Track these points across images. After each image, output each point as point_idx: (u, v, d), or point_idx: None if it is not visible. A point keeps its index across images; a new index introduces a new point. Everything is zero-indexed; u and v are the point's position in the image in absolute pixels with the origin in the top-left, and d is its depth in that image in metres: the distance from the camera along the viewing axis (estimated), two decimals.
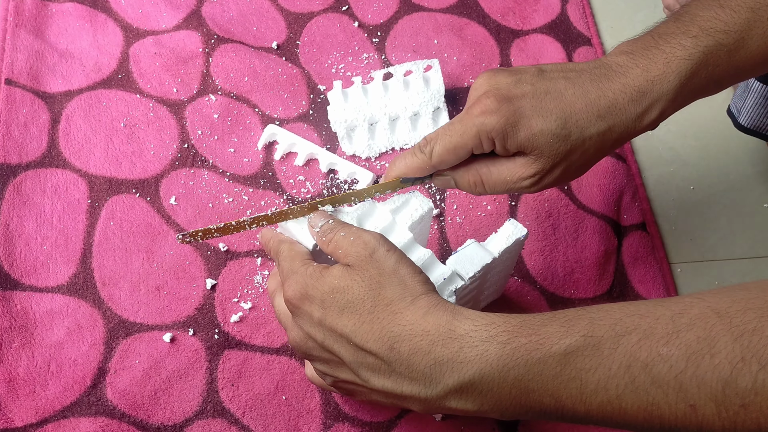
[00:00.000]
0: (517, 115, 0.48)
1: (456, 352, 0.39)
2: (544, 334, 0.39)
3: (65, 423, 0.56)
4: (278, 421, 0.59)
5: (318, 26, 0.78)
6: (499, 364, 0.39)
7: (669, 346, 0.36)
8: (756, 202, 0.77)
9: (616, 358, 0.37)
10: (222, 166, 0.69)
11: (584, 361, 0.38)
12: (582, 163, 0.51)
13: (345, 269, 0.43)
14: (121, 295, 0.61)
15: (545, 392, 0.39)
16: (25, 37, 0.71)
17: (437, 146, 0.51)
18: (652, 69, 0.49)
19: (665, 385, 0.36)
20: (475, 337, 0.40)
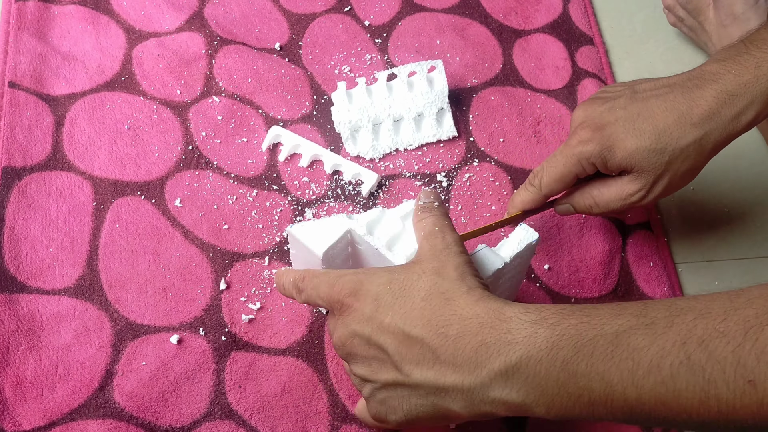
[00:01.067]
0: (612, 139, 0.53)
1: (504, 333, 0.39)
2: (595, 316, 0.38)
3: (73, 426, 0.56)
4: (286, 422, 0.59)
5: (320, 27, 0.78)
6: (547, 345, 0.38)
7: (726, 323, 0.35)
8: (756, 203, 0.77)
9: (671, 336, 0.36)
10: (226, 168, 0.69)
11: (637, 339, 0.36)
12: (686, 170, 0.54)
13: (407, 264, 0.45)
14: (128, 297, 0.61)
15: (595, 375, 0.37)
16: (27, 40, 0.71)
17: (544, 178, 0.57)
18: (744, 73, 0.51)
19: (722, 360, 0.34)
20: (524, 319, 0.39)
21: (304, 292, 0.48)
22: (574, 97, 0.78)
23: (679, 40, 0.86)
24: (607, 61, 0.82)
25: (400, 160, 0.71)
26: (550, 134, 0.75)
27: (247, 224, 0.66)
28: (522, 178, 0.72)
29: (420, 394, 0.42)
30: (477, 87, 0.77)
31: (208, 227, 0.65)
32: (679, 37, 0.86)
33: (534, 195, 0.59)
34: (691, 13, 0.80)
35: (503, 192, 0.71)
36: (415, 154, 0.72)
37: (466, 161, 0.72)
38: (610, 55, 0.83)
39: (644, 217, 0.73)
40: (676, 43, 0.86)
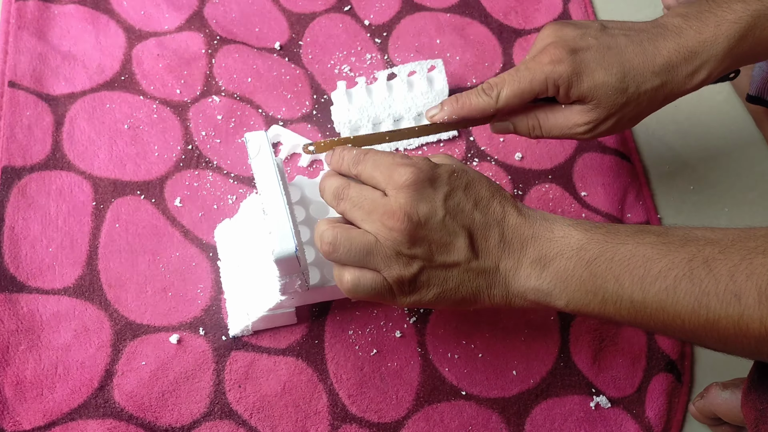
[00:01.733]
0: (582, 65, 0.53)
1: (546, 231, 0.46)
2: (622, 231, 0.45)
3: (73, 425, 0.56)
4: (285, 422, 0.59)
5: (320, 27, 0.78)
6: (577, 245, 0.45)
7: (731, 249, 0.41)
8: (756, 203, 0.77)
9: (681, 253, 0.42)
10: (226, 167, 0.69)
11: (652, 251, 0.42)
12: (633, 115, 0.56)
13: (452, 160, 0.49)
14: (128, 296, 0.61)
15: (611, 276, 0.43)
16: (27, 40, 0.71)
17: (504, 90, 0.55)
18: (704, 31, 0.53)
19: (718, 276, 0.40)
20: (563, 222, 0.46)
21: (362, 164, 0.48)
22: None
23: None
24: None
25: None
26: None
27: None
28: (522, 177, 0.72)
29: (471, 276, 0.47)
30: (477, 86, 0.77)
31: (208, 227, 0.65)
32: None
33: (486, 104, 0.56)
34: None
35: None
36: (415, 153, 0.72)
37: (466, 161, 0.72)
38: None
39: (644, 216, 0.73)
40: None
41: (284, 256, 0.49)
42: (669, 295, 0.41)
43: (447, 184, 0.46)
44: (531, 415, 0.62)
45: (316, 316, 0.63)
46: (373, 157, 0.48)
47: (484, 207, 0.47)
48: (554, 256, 0.45)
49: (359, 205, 0.47)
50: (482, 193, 0.47)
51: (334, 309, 0.63)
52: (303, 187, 0.59)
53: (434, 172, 0.46)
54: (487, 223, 0.46)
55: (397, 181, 0.45)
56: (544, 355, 0.65)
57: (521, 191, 0.72)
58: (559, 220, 0.47)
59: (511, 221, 0.46)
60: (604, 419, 0.63)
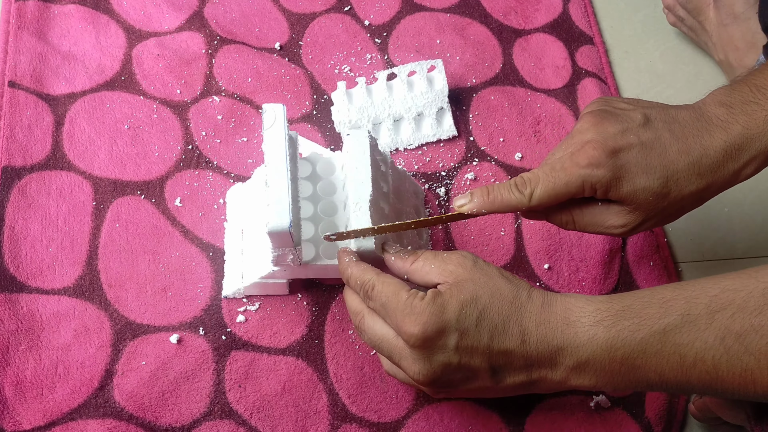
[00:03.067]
0: (623, 170, 0.50)
1: (572, 338, 0.45)
2: (645, 316, 0.43)
3: (73, 425, 0.56)
4: (285, 422, 0.59)
5: (320, 27, 0.78)
6: (606, 345, 0.44)
7: (760, 317, 0.40)
8: (756, 203, 0.77)
9: (711, 332, 0.41)
10: (226, 167, 0.69)
11: (682, 336, 0.42)
12: (673, 213, 0.53)
13: (457, 284, 0.46)
14: (128, 296, 0.61)
15: (649, 368, 0.43)
16: (27, 40, 0.71)
17: (538, 190, 0.52)
18: (752, 126, 0.50)
19: (757, 352, 0.40)
20: (585, 323, 0.45)
21: (372, 302, 0.49)
22: (574, 97, 0.78)
23: (679, 39, 0.86)
24: (607, 60, 0.82)
25: (400, 160, 0.71)
26: (550, 134, 0.75)
27: None
28: None
29: (506, 389, 0.48)
30: (477, 86, 0.77)
31: (208, 227, 0.65)
32: (679, 37, 0.86)
33: (518, 202, 0.53)
34: (691, 13, 0.80)
35: None
36: (415, 153, 0.72)
37: (466, 161, 0.72)
38: (610, 54, 0.83)
39: None
40: (676, 43, 0.86)
41: (277, 230, 0.51)
42: (712, 377, 0.42)
43: (456, 329, 0.45)
44: (531, 415, 0.62)
45: (316, 316, 0.63)
46: (380, 299, 0.48)
47: (500, 334, 0.46)
48: (587, 360, 0.45)
49: (377, 344, 0.50)
50: (495, 319, 0.46)
51: (334, 309, 0.63)
52: (315, 163, 0.60)
53: (441, 320, 0.45)
54: (507, 351, 0.46)
55: (407, 337, 0.46)
56: None
57: None
58: (581, 319, 0.45)
59: (532, 339, 0.45)
60: (604, 419, 0.63)
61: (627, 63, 0.83)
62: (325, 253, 0.57)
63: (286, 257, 0.54)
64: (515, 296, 0.46)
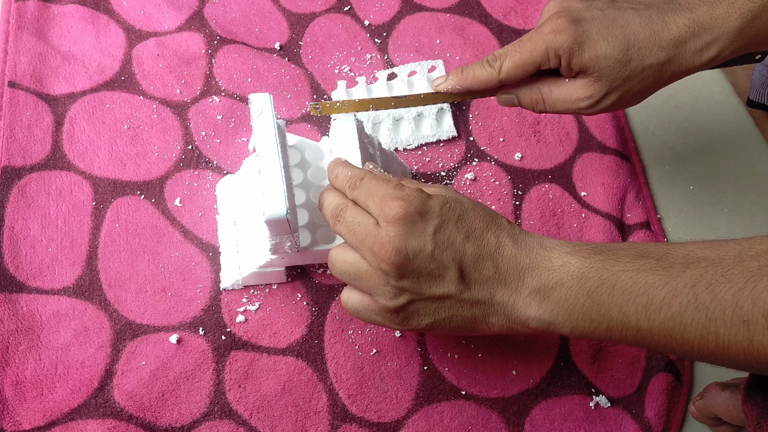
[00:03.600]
0: (585, 36, 0.52)
1: (545, 260, 0.45)
2: (621, 255, 0.44)
3: (73, 425, 0.56)
4: (285, 422, 0.59)
5: (320, 27, 0.78)
6: (578, 274, 0.44)
7: (732, 271, 0.40)
8: (756, 203, 0.77)
9: (683, 278, 0.41)
10: (226, 168, 0.69)
11: (654, 278, 0.42)
12: (638, 90, 0.54)
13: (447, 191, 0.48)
14: (128, 296, 0.61)
15: (614, 305, 0.42)
16: (27, 40, 0.71)
17: (506, 62, 0.55)
18: (717, 7, 0.52)
19: (724, 302, 0.39)
20: (561, 250, 0.45)
21: (358, 190, 0.49)
22: None
23: None
24: None
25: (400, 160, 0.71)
26: (550, 134, 0.75)
27: None
28: (522, 177, 0.72)
29: (465, 307, 0.47)
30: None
31: (208, 227, 0.65)
32: None
33: (489, 75, 0.55)
34: None
35: (503, 192, 0.71)
36: (415, 153, 0.72)
37: (466, 161, 0.72)
38: None
39: (644, 216, 0.73)
40: None
41: (275, 218, 0.51)
42: (675, 323, 0.41)
43: (438, 216, 0.46)
44: (531, 414, 0.62)
45: (316, 317, 0.63)
46: (367, 185, 0.49)
47: (477, 238, 0.46)
48: (554, 286, 0.44)
49: (353, 231, 0.48)
50: (475, 224, 0.47)
51: (333, 309, 0.63)
52: (304, 150, 0.60)
53: (425, 204, 0.46)
54: (480, 255, 0.46)
55: (387, 214, 0.46)
56: (544, 354, 0.65)
57: (521, 191, 0.72)
58: (557, 246, 0.46)
59: (506, 252, 0.46)
60: (604, 419, 0.63)
61: None
62: (322, 238, 0.58)
63: (283, 245, 0.54)
64: (496, 215, 0.48)
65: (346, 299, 0.51)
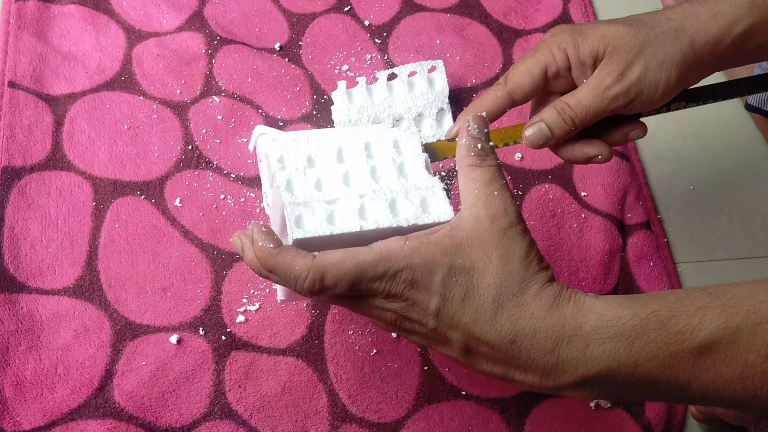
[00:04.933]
0: (585, 28, 0.49)
1: (582, 349, 0.37)
2: (676, 327, 0.37)
3: (73, 425, 0.56)
4: (285, 422, 0.59)
5: (320, 27, 0.78)
6: (628, 361, 0.37)
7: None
8: (756, 203, 0.77)
9: (754, 348, 0.36)
10: (226, 167, 0.69)
11: (720, 353, 0.36)
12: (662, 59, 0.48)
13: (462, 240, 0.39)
14: (128, 297, 0.61)
15: (675, 383, 0.37)
16: (27, 40, 0.71)
17: (511, 72, 0.51)
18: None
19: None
20: (602, 334, 0.37)
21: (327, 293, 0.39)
22: None
23: None
24: None
25: None
26: None
27: (246, 224, 0.66)
28: (522, 177, 0.72)
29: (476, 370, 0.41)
30: (477, 87, 0.77)
31: (208, 227, 0.65)
32: None
33: (496, 90, 0.51)
34: None
35: None
36: None
37: None
38: None
39: (644, 217, 0.73)
40: None
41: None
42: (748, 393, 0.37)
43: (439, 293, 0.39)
44: (531, 415, 0.62)
45: (316, 317, 0.63)
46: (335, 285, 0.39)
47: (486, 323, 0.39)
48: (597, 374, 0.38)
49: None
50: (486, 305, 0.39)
51: (333, 310, 0.63)
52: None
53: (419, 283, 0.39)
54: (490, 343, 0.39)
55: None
56: None
57: (521, 191, 0.72)
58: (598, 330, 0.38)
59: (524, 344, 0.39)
60: (604, 419, 0.63)
61: None
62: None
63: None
64: (521, 289, 0.38)
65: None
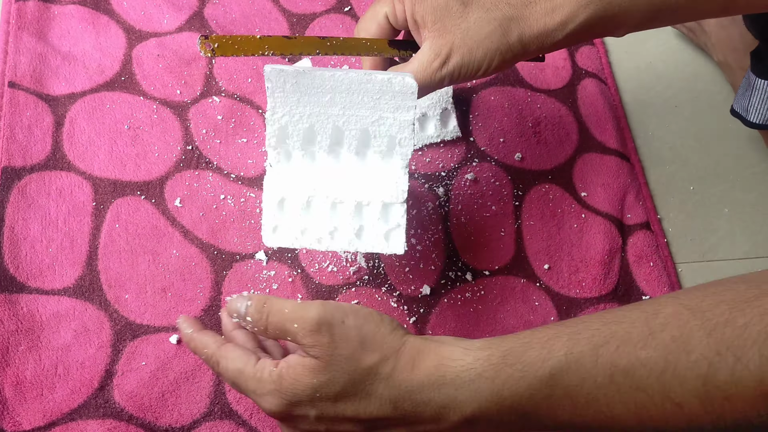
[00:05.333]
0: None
1: (452, 395, 0.41)
2: (528, 361, 0.40)
3: (73, 426, 0.56)
4: None
5: (320, 27, 0.78)
6: (492, 397, 0.40)
7: (646, 349, 0.37)
8: (756, 203, 0.77)
9: (599, 370, 0.38)
10: (226, 168, 0.69)
11: (570, 378, 0.39)
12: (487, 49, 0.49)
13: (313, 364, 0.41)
14: (128, 297, 0.61)
15: (541, 413, 0.40)
16: (27, 40, 0.71)
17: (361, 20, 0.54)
18: None
19: (649, 388, 0.37)
20: (464, 378, 0.41)
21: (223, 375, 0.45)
22: (574, 97, 0.78)
23: (679, 40, 0.86)
24: (607, 61, 0.82)
25: None
26: (550, 134, 0.75)
27: (246, 224, 0.66)
28: (522, 178, 0.72)
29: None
30: (477, 87, 0.77)
31: (208, 227, 0.65)
32: (679, 37, 0.86)
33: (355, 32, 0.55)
34: None
35: (503, 192, 0.71)
36: (415, 154, 0.72)
37: (466, 161, 0.72)
38: (610, 55, 0.83)
39: (644, 217, 0.73)
40: (676, 43, 0.86)
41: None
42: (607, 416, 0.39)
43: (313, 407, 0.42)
44: None
45: None
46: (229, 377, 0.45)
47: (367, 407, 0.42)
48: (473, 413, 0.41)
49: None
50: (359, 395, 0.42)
51: None
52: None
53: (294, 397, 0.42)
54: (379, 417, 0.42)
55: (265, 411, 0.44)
56: None
57: (521, 191, 0.72)
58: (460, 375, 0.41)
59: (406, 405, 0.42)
60: None
61: (627, 63, 0.83)
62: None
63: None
64: (377, 371, 0.42)
65: None
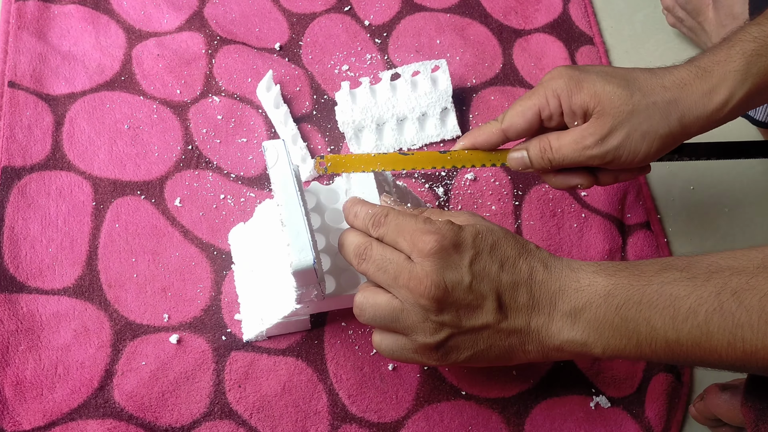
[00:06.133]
0: (583, 77, 0.53)
1: (573, 281, 0.46)
2: (645, 269, 0.44)
3: (73, 425, 0.56)
4: (285, 422, 0.59)
5: (320, 27, 0.78)
6: (604, 292, 0.44)
7: (758, 278, 0.40)
8: (756, 203, 0.77)
9: (708, 287, 0.41)
10: (226, 167, 0.69)
11: (678, 289, 0.42)
12: (647, 130, 0.52)
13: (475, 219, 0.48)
14: (128, 296, 0.61)
15: (642, 319, 0.43)
16: (27, 40, 0.71)
17: (508, 111, 0.56)
18: (717, 53, 0.52)
19: (750, 308, 0.40)
20: (587, 270, 0.46)
21: (384, 227, 0.48)
22: None
23: (679, 40, 0.86)
24: (607, 61, 0.82)
25: None
26: None
27: None
28: (522, 177, 0.72)
29: (503, 337, 0.47)
30: (477, 87, 0.77)
31: (208, 227, 0.65)
32: (679, 38, 0.86)
33: (492, 126, 0.56)
34: (690, 14, 0.80)
35: (503, 192, 0.71)
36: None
37: None
38: (610, 55, 0.83)
39: (644, 217, 0.73)
40: (676, 43, 0.86)
41: (302, 269, 0.49)
42: (702, 331, 0.41)
43: (472, 247, 0.46)
44: (531, 415, 0.62)
45: (316, 317, 0.63)
46: (394, 221, 0.47)
47: (511, 267, 0.46)
48: (583, 306, 0.45)
49: (384, 269, 0.47)
50: (508, 252, 0.47)
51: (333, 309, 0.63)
52: (318, 194, 0.58)
53: (459, 236, 0.46)
54: (515, 283, 0.46)
55: (422, 249, 0.45)
56: None
57: (521, 191, 0.72)
58: (584, 267, 0.46)
59: (537, 278, 0.46)
60: (604, 419, 0.63)
61: (627, 63, 0.83)
62: (347, 283, 0.55)
63: (310, 294, 0.52)
64: (525, 242, 0.48)
65: (379, 342, 0.49)
